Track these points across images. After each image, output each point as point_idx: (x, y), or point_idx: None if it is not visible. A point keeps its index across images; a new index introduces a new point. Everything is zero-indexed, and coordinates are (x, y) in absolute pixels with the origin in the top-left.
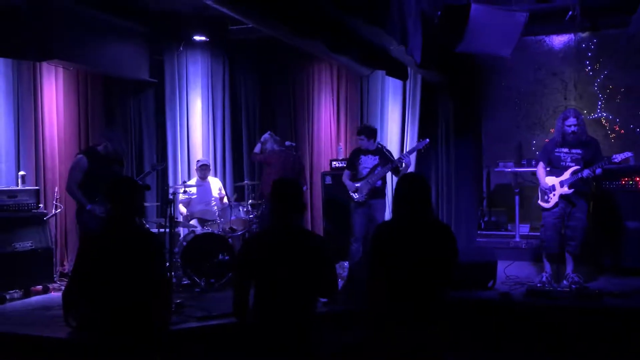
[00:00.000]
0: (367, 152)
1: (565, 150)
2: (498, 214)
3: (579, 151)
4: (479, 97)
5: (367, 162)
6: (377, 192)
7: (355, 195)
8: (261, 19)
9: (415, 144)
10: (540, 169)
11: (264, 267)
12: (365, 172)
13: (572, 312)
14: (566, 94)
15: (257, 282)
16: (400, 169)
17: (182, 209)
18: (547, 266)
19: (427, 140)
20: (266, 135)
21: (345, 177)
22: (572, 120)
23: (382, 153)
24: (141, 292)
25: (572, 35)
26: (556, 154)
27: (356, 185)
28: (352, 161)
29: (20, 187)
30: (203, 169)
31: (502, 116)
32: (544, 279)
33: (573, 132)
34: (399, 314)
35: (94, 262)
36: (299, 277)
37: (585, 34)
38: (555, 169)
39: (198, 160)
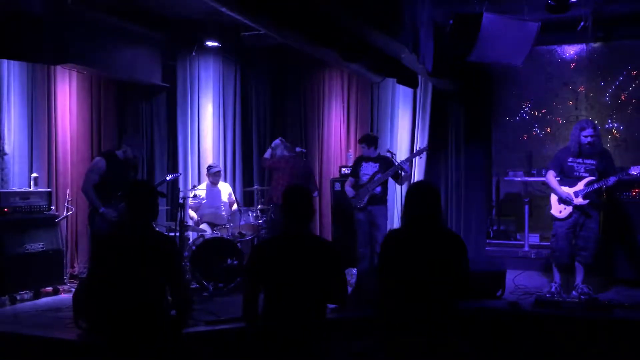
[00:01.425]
0: (368, 159)
1: (580, 160)
2: (507, 223)
3: (593, 162)
4: (490, 106)
5: (368, 169)
6: (377, 199)
7: (355, 202)
8: (275, 27)
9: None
10: (552, 177)
11: (274, 273)
12: (365, 179)
13: (581, 323)
14: (577, 104)
15: (267, 288)
16: (401, 175)
17: (192, 213)
18: (557, 276)
19: (426, 146)
20: (277, 141)
21: (347, 184)
22: (589, 131)
23: (383, 160)
24: (154, 295)
25: (584, 46)
26: (569, 163)
27: (356, 191)
28: (355, 169)
29: (32, 189)
30: (216, 175)
31: (512, 125)
32: (553, 289)
33: (589, 143)
34: (409, 322)
35: (109, 265)
36: (308, 283)
37: (597, 44)
38: (568, 179)
39: (211, 166)
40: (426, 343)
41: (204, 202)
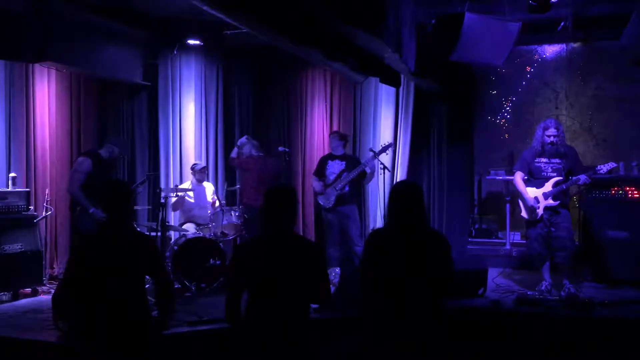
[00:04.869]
0: (334, 157)
1: (545, 160)
2: (489, 221)
3: (558, 161)
4: (472, 105)
5: (334, 167)
6: (345, 199)
7: (322, 202)
8: (258, 26)
9: (407, 150)
10: (519, 180)
11: (258, 273)
12: (332, 177)
13: (563, 321)
14: (557, 104)
15: (250, 288)
16: (367, 173)
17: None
18: (547, 275)
19: (392, 142)
20: (243, 139)
21: (314, 182)
22: (552, 131)
23: (349, 158)
24: (135, 296)
25: (564, 46)
26: (536, 164)
27: (323, 191)
28: (321, 168)
29: (10, 188)
30: (203, 172)
31: (494, 125)
32: (543, 287)
33: (552, 142)
34: (394, 322)
35: (87, 265)
36: (292, 283)
37: (577, 45)
38: (536, 180)
39: (196, 164)
40: (412, 343)
41: (191, 201)
